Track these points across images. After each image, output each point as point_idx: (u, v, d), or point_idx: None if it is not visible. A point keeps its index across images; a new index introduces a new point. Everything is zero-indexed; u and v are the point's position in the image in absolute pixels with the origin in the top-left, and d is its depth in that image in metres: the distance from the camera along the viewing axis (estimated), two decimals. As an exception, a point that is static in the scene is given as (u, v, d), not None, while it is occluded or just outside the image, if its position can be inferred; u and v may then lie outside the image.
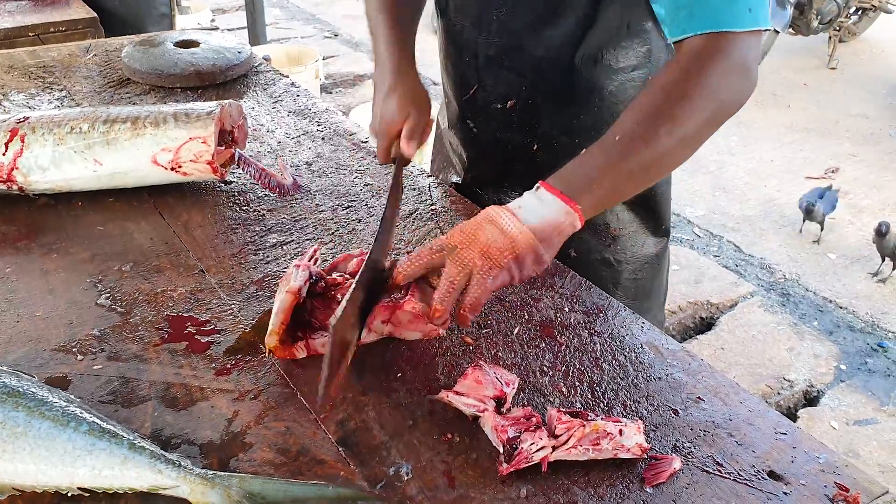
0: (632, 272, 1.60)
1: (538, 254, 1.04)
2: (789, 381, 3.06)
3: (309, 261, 1.12)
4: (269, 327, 1.06)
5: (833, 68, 6.23)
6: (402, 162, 1.39)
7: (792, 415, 2.95)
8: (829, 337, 3.32)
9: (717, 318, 3.44)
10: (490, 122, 1.54)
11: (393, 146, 1.39)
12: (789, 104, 5.62)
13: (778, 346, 3.25)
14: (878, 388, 3.04)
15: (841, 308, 3.51)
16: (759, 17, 1.12)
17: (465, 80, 1.55)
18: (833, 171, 4.68)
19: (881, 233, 3.57)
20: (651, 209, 1.57)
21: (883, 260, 3.67)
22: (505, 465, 0.91)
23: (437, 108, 1.65)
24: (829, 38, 6.23)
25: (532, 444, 0.92)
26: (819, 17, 5.83)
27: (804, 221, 3.92)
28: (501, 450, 0.93)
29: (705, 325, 3.43)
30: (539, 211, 1.05)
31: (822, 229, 3.90)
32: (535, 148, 1.51)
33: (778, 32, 5.38)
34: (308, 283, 1.10)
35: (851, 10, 6.18)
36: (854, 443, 2.77)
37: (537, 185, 1.09)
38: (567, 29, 1.37)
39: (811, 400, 3.02)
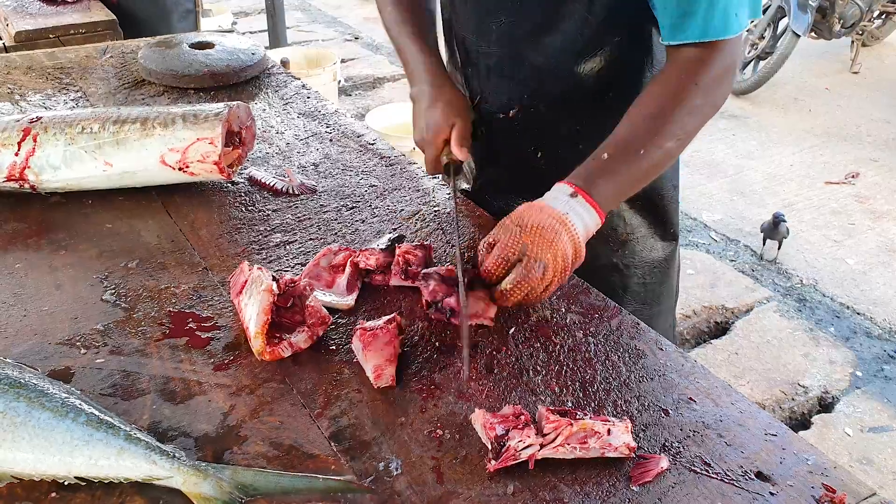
0: (640, 277, 1.61)
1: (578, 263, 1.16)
2: (804, 386, 3.04)
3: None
4: (253, 330, 1.08)
5: (855, 72, 6.17)
6: (455, 169, 1.46)
7: (806, 421, 2.93)
8: (846, 343, 3.29)
9: (732, 322, 3.42)
10: (495, 131, 1.56)
11: (442, 155, 1.45)
12: (810, 108, 5.57)
13: (793, 351, 3.23)
14: (895, 396, 3.01)
15: (858, 314, 3.48)
16: (743, 20, 1.22)
17: (469, 90, 1.56)
18: (853, 176, 4.64)
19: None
20: (659, 214, 1.58)
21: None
22: (493, 461, 0.92)
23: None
24: (852, 42, 6.18)
25: (520, 441, 0.93)
26: (841, 21, 5.78)
27: (765, 242, 3.90)
28: (490, 447, 0.94)
29: (720, 330, 3.41)
30: (584, 220, 1.15)
31: (779, 247, 3.89)
32: (539, 155, 1.53)
33: (799, 36, 5.33)
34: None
35: (875, 14, 6.12)
36: (868, 450, 2.75)
37: (572, 189, 1.16)
38: (566, 36, 1.38)
39: (826, 406, 2.99)
